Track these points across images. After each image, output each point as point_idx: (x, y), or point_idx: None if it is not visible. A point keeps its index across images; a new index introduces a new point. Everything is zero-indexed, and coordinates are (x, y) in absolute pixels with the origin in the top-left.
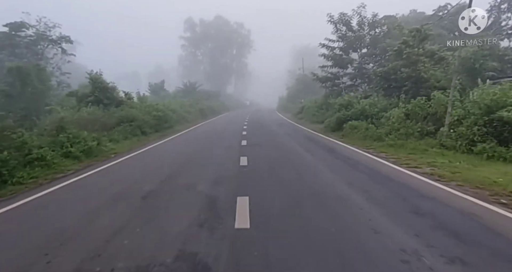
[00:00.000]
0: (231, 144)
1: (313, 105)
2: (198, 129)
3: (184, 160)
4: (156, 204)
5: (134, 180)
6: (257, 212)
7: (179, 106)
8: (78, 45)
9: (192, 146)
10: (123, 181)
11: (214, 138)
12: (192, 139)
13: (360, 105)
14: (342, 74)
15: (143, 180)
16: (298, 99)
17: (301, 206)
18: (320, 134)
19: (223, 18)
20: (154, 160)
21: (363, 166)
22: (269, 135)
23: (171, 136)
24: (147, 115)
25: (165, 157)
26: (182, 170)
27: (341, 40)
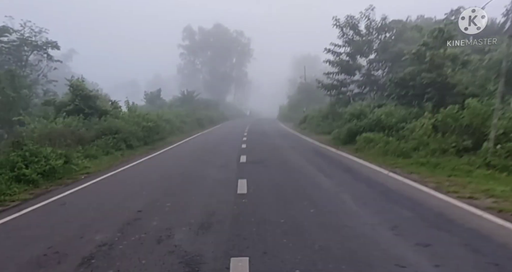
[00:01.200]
0: (228, 161)
1: (317, 115)
2: (193, 141)
3: (166, 186)
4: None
5: (87, 222)
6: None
7: (174, 115)
8: (74, 54)
9: (180, 164)
10: (69, 225)
11: (208, 153)
12: (183, 154)
13: (374, 115)
14: (349, 81)
15: (99, 222)
16: (300, 108)
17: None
18: (330, 147)
19: (223, 26)
20: (128, 185)
21: (398, 195)
22: (272, 149)
23: (161, 150)
24: (135, 126)
25: (144, 180)
26: (160, 203)
27: (348, 45)
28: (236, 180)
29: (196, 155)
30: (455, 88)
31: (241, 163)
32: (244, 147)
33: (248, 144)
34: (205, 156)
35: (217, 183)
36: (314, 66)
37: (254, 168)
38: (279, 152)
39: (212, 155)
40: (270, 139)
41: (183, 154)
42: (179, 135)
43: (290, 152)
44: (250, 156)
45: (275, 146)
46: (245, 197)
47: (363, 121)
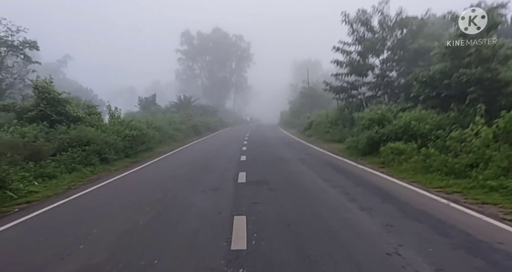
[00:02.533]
0: (222, 181)
1: (324, 120)
2: (185, 152)
3: (126, 229)
4: None
5: None
6: None
7: (167, 122)
8: (69, 60)
9: (160, 187)
10: None
11: (199, 168)
12: (168, 169)
13: (401, 120)
14: (360, 83)
15: None
16: (303, 114)
17: None
18: (346, 159)
19: (222, 30)
20: (69, 228)
21: (493, 250)
22: (277, 162)
23: (144, 164)
24: (115, 135)
25: (99, 217)
26: (112, 261)
27: (358, 43)
28: (231, 217)
29: (183, 171)
30: (509, 86)
31: (239, 184)
32: (244, 159)
33: (249, 156)
34: (195, 173)
35: (202, 225)
36: (315, 71)
37: (257, 194)
38: (286, 166)
39: (203, 172)
40: (273, 148)
41: (168, 170)
42: (171, 144)
43: (300, 166)
44: (251, 172)
45: (281, 158)
46: (242, 257)
47: (386, 128)
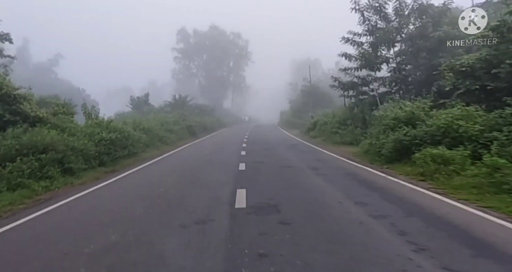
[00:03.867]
0: (212, 207)
1: (331, 120)
2: (173, 158)
3: None
4: None
5: None
6: None
7: (158, 123)
8: (61, 59)
9: (121, 218)
10: None
11: (184, 184)
12: (143, 186)
13: (439, 119)
14: (372, 78)
15: None
16: (305, 113)
17: None
18: (369, 168)
19: (219, 28)
20: None
21: None
22: (284, 172)
23: (117, 176)
24: (86, 139)
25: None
26: None
27: (370, 33)
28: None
29: (163, 187)
30: None
31: (237, 213)
32: (243, 168)
33: (249, 163)
34: (178, 190)
35: None
36: (315, 70)
37: (264, 234)
38: (297, 179)
39: (189, 189)
40: (276, 153)
41: (144, 185)
42: (161, 147)
43: (315, 179)
44: (252, 189)
45: (288, 166)
46: None
47: (417, 129)
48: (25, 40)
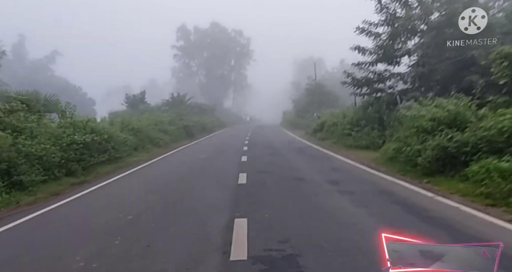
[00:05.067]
0: (194, 260)
1: (341, 121)
2: (161, 166)
3: None
4: None
5: None
6: None
7: (152, 123)
8: (58, 56)
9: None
10: None
11: (165, 208)
12: (111, 210)
13: (502, 121)
14: (389, 74)
15: None
16: (309, 113)
17: None
18: (403, 181)
19: (220, 25)
20: None
21: None
22: (296, 187)
23: (85, 190)
24: (51, 142)
25: None
26: None
27: (388, 24)
28: None
29: (137, 211)
30: None
31: (234, 267)
32: (243, 181)
33: (251, 173)
34: (153, 220)
35: None
36: (318, 69)
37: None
38: (315, 200)
39: (168, 219)
40: (283, 158)
41: (112, 207)
42: (152, 150)
43: (340, 200)
44: (256, 221)
45: (300, 179)
46: None
47: (468, 133)
48: (20, 36)
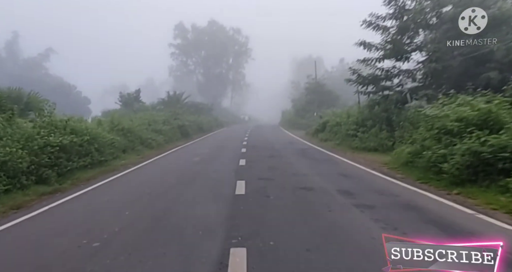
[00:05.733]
0: None
1: (345, 121)
2: (149, 170)
3: None
4: None
5: None
6: None
7: (145, 122)
8: (52, 54)
9: None
10: None
11: (138, 234)
12: (75, 233)
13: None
14: (399, 70)
15: None
16: (309, 113)
17: None
18: (429, 193)
19: (218, 23)
20: None
21: None
22: (304, 200)
23: (48, 205)
24: (20, 145)
25: None
26: None
27: (396, 17)
28: None
29: (107, 236)
30: None
31: None
32: (242, 192)
33: (250, 181)
34: (125, 249)
35: None
36: (317, 68)
37: None
38: (331, 217)
39: (143, 249)
40: (285, 162)
41: (85, 225)
42: (144, 152)
43: (360, 218)
44: (258, 255)
45: (308, 188)
46: None
47: (506, 136)
48: (14, 34)
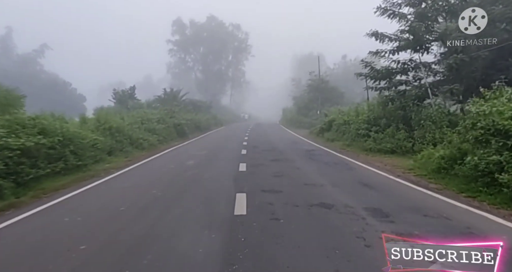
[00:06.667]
0: None
1: (354, 119)
2: (134, 177)
3: None
4: None
5: None
6: None
7: (138, 121)
8: (47, 50)
9: None
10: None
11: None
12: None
13: None
14: (416, 63)
15: None
16: (312, 111)
17: None
18: (492, 215)
19: (217, 19)
20: None
21: None
22: (325, 223)
23: (12, 219)
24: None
25: None
26: None
27: (412, 4)
28: None
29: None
30: None
31: None
32: (243, 212)
33: (252, 194)
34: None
35: None
36: (317, 66)
37: None
38: (369, 256)
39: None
40: (292, 167)
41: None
42: (133, 153)
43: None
44: None
45: (324, 204)
46: None
47: None
48: (8, 29)
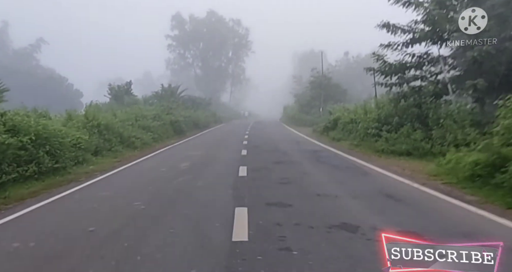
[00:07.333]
0: None
1: (362, 118)
2: (119, 182)
3: None
4: None
5: None
6: None
7: (132, 118)
8: (43, 44)
9: None
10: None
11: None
12: None
13: None
14: (437, 56)
15: None
16: (315, 108)
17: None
18: None
19: (217, 14)
20: None
21: None
22: (346, 250)
23: None
24: None
25: None
26: None
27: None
28: None
29: None
30: None
31: None
32: (244, 238)
33: (255, 210)
34: None
35: None
36: (319, 62)
37: None
38: None
39: None
40: (299, 172)
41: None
42: (123, 153)
43: None
44: None
45: (345, 226)
46: None
47: None
48: (4, 23)
